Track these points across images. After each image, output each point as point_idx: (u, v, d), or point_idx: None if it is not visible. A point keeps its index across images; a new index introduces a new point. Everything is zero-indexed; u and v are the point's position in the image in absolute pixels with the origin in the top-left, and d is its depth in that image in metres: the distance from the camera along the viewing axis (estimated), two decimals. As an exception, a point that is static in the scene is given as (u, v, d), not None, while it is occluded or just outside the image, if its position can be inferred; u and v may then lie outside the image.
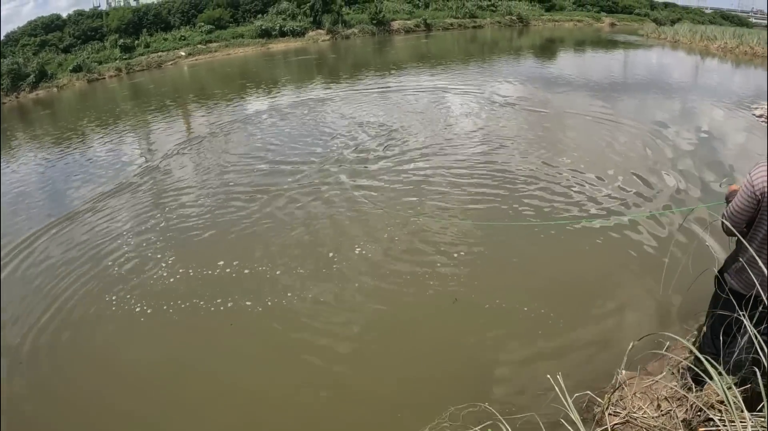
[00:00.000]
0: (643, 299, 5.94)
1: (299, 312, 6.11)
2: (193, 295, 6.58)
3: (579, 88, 18.86)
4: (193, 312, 6.28)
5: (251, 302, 6.31)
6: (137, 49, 40.26)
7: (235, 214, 9.10)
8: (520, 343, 5.32)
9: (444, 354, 5.30)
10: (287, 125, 15.40)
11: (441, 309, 5.98)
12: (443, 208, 8.59)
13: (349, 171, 10.59)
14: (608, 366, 4.48)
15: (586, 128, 12.84)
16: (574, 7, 62.75)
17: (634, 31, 47.81)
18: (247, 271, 7.05)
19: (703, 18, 67.47)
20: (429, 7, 55.56)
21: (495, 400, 4.46)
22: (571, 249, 7.13)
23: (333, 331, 5.74)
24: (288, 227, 8.38)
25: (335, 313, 6.06)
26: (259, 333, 5.86)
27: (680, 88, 18.80)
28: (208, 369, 5.34)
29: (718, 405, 3.14)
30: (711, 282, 3.74)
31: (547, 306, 5.77)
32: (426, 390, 4.85)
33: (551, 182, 9.35)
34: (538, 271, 6.68)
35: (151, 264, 7.53)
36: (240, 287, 6.68)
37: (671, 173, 9.58)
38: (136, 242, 8.36)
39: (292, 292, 6.47)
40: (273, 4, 50.19)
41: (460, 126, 13.51)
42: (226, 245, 7.97)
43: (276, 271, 7.00)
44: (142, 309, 6.45)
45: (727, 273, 3.54)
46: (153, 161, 13.00)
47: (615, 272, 6.58)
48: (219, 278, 6.98)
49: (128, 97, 26.95)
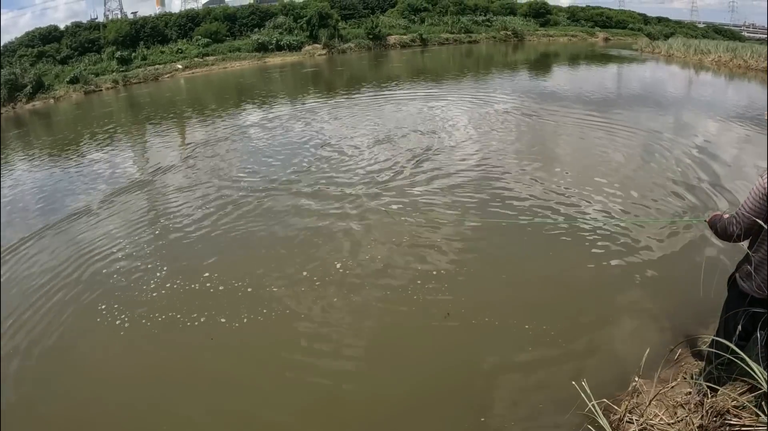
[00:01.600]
0: (648, 307, 5.96)
1: (289, 330, 6.04)
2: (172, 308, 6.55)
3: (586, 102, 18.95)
4: (172, 324, 6.25)
5: (226, 319, 6.22)
6: (134, 62, 40.31)
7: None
8: (523, 354, 5.29)
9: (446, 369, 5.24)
10: (281, 137, 15.53)
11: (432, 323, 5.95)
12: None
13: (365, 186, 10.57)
14: (615, 376, 4.57)
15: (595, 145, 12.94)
16: (568, 22, 63.47)
17: (628, 45, 48.38)
18: (222, 287, 6.95)
19: (696, 32, 67.96)
20: (425, 22, 56.03)
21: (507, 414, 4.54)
22: (572, 259, 7.15)
23: (319, 348, 5.64)
24: (289, 237, 8.38)
25: (323, 330, 5.98)
26: (243, 350, 5.76)
27: (677, 102, 19.09)
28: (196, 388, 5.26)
29: (734, 410, 3.20)
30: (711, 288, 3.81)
31: (555, 318, 5.78)
32: (426, 407, 4.81)
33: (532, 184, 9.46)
34: (541, 281, 6.67)
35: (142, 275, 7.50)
36: (216, 304, 6.58)
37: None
38: (128, 256, 8.28)
39: (280, 308, 6.41)
40: (270, 18, 50.43)
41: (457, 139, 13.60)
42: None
43: (263, 287, 6.91)
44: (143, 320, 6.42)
45: (739, 276, 3.57)
46: (145, 174, 12.98)
47: (619, 282, 6.58)
48: (188, 294, 6.92)
49: (124, 108, 27.03)
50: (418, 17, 57.13)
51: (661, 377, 4.24)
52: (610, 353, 5.20)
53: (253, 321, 6.14)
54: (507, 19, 58.98)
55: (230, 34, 48.31)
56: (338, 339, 5.75)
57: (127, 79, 37.18)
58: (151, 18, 49.09)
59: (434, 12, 58.85)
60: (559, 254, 7.28)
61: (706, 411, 3.37)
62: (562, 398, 4.29)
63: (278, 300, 6.54)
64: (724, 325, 3.69)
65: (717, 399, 3.40)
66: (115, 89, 35.33)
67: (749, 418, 3.07)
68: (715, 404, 3.34)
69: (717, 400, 3.37)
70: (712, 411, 3.32)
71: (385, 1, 60.95)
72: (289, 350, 5.63)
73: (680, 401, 3.78)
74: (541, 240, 7.70)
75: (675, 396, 3.89)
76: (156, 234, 8.99)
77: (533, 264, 7.11)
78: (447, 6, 59.86)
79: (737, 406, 3.23)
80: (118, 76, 37.39)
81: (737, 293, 3.55)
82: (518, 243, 7.66)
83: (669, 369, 4.35)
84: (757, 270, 3.34)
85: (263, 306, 6.38)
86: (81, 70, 36.59)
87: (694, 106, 18.17)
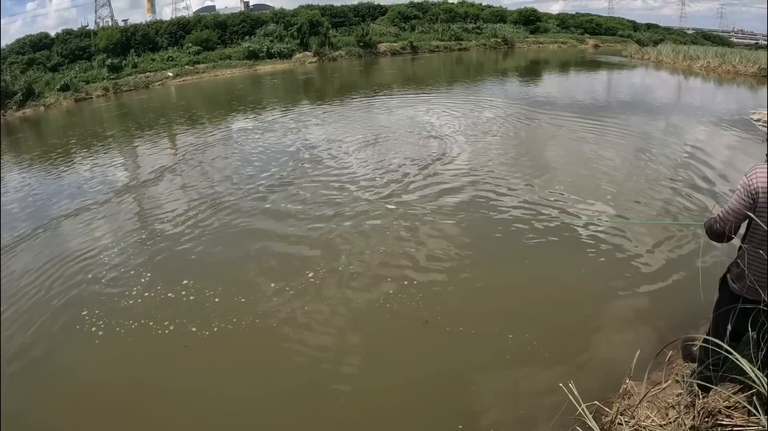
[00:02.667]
0: (637, 309, 6.00)
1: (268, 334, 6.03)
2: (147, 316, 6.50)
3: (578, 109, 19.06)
4: (147, 331, 6.20)
5: (196, 328, 6.15)
6: (125, 69, 40.23)
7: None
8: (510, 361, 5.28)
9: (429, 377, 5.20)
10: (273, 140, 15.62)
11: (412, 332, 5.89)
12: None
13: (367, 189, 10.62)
14: (606, 378, 4.62)
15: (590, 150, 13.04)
16: (558, 30, 64.05)
17: (617, 52, 48.73)
18: (193, 298, 6.88)
19: (685, 38, 68.55)
20: (415, 30, 56.35)
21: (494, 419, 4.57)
22: (561, 263, 7.18)
23: (297, 356, 5.58)
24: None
25: (300, 336, 5.92)
26: (220, 357, 5.72)
27: (667, 108, 19.30)
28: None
29: (726, 410, 3.24)
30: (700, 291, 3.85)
31: (544, 321, 5.83)
32: (411, 412, 4.80)
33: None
34: (531, 285, 6.68)
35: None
36: (188, 312, 6.53)
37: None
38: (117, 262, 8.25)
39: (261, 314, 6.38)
40: (261, 25, 50.54)
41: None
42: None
43: (230, 296, 6.85)
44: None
45: (730, 277, 3.62)
46: (135, 181, 12.97)
47: (608, 284, 6.60)
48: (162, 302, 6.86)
49: (115, 117, 26.91)
50: (408, 25, 57.49)
51: (652, 378, 4.24)
52: (601, 355, 5.22)
53: (223, 329, 6.10)
54: (497, 27, 59.40)
55: (221, 42, 48.40)
56: (317, 347, 5.71)
57: (117, 86, 37.13)
58: (142, 25, 49.15)
59: (424, 20, 59.26)
60: (550, 258, 7.32)
61: (698, 412, 3.38)
62: (551, 402, 4.29)
63: (247, 307, 6.54)
64: (715, 326, 3.70)
65: (708, 399, 3.41)
66: (105, 97, 35.23)
67: (741, 418, 3.10)
68: (706, 404, 3.36)
69: (708, 400, 3.39)
70: (703, 411, 3.33)
71: (375, 9, 61.33)
72: (263, 358, 5.63)
73: (671, 402, 3.80)
74: (539, 244, 7.74)
75: (666, 397, 3.90)
76: (145, 241, 8.96)
77: (525, 268, 7.13)
78: (437, 14, 60.32)
79: (729, 406, 3.26)
80: (108, 83, 37.32)
81: (728, 294, 3.59)
82: (506, 248, 7.72)
83: (660, 371, 4.33)
84: (743, 272, 3.39)
85: (233, 315, 6.34)
86: (72, 78, 36.54)
87: (684, 111, 18.33)
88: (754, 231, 3.28)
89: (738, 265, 3.50)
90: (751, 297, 3.36)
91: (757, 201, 3.17)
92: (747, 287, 3.41)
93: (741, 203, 3.24)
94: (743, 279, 3.44)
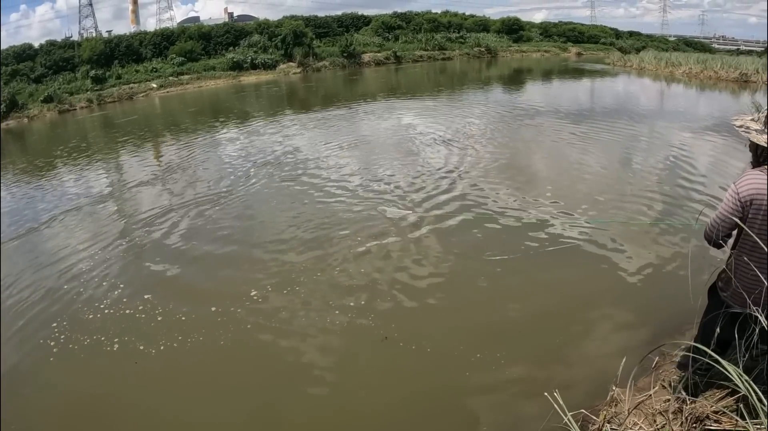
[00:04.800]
0: (623, 315, 5.99)
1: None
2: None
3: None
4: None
5: (143, 346, 5.99)
6: (109, 81, 39.83)
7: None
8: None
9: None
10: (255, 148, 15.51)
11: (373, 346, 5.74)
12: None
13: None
14: (593, 386, 4.63)
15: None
16: (541, 38, 64.71)
17: (600, 59, 49.32)
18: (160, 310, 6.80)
19: (667, 45, 69.44)
20: (399, 40, 56.58)
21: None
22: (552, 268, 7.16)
23: (246, 376, 5.46)
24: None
25: (250, 355, 5.82)
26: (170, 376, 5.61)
27: (650, 113, 19.64)
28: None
29: (714, 415, 3.30)
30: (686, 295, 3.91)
31: (530, 328, 5.84)
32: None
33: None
34: (522, 291, 6.65)
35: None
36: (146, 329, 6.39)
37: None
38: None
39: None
40: (245, 36, 50.41)
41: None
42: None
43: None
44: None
45: (718, 284, 3.68)
46: (117, 191, 12.91)
47: (593, 290, 6.65)
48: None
49: (98, 127, 26.77)
50: (392, 35, 57.74)
51: (639, 385, 4.25)
52: (587, 363, 5.20)
53: (170, 348, 5.95)
54: (480, 36, 59.87)
55: (205, 53, 48.14)
56: (267, 366, 5.66)
57: (101, 98, 36.71)
58: (126, 36, 48.76)
59: (408, 30, 59.62)
60: (533, 264, 7.33)
61: (686, 418, 3.41)
62: (536, 412, 4.23)
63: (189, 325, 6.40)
64: (703, 332, 3.75)
65: (696, 405, 3.45)
66: (89, 108, 34.87)
67: (729, 422, 3.15)
68: (694, 410, 3.40)
69: (696, 406, 3.43)
70: (691, 417, 3.37)
71: (359, 20, 61.60)
72: (214, 375, 5.53)
73: (659, 408, 3.79)
74: (521, 250, 7.71)
75: (654, 403, 3.88)
76: (128, 251, 8.92)
77: (512, 273, 7.13)
78: (421, 24, 60.75)
79: (717, 411, 3.31)
80: (92, 95, 36.89)
81: (716, 301, 3.64)
82: (493, 252, 7.64)
83: (647, 377, 4.35)
84: (731, 278, 3.44)
85: (180, 333, 6.22)
86: (55, 89, 36.10)
87: (666, 117, 18.68)
88: (745, 240, 3.32)
89: (727, 272, 3.55)
90: (738, 304, 3.42)
91: (746, 209, 3.22)
92: (735, 294, 3.46)
93: (728, 210, 3.28)
94: (730, 285, 3.49)
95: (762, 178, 3.17)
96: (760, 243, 3.12)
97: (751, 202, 3.19)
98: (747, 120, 3.36)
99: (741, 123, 3.39)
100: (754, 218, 3.21)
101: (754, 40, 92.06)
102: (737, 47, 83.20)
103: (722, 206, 3.34)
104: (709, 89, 27.74)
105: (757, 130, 3.24)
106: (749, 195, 3.19)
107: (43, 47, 45.35)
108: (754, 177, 3.21)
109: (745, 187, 3.21)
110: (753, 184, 3.19)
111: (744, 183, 3.23)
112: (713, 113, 19.07)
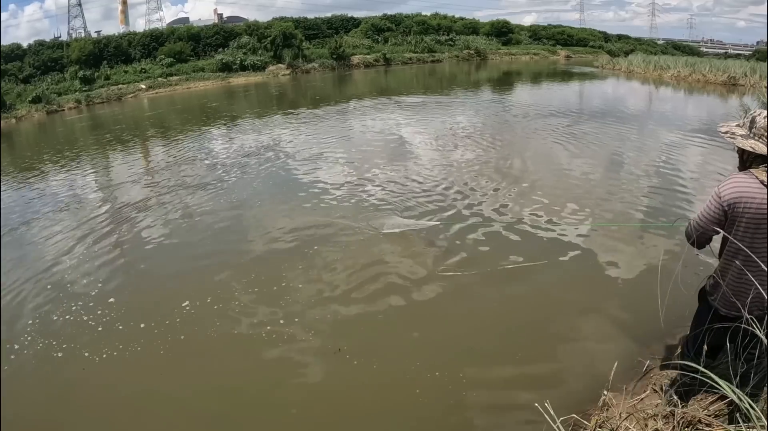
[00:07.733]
0: (614, 319, 5.93)
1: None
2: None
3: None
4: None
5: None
6: (97, 81, 39.62)
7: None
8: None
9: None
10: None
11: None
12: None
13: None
14: (585, 391, 4.58)
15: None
16: (530, 41, 65.26)
17: (589, 62, 49.68)
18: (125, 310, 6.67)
19: (655, 49, 70.12)
20: (388, 42, 56.75)
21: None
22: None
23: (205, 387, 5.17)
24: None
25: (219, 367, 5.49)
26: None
27: (639, 116, 19.76)
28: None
29: (706, 419, 3.32)
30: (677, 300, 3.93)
31: (524, 333, 5.76)
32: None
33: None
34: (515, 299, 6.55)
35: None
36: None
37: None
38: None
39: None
40: (234, 38, 50.40)
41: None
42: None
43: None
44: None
45: (707, 288, 3.70)
46: (109, 194, 12.64)
47: (583, 293, 6.59)
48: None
49: (86, 128, 26.53)
50: (381, 37, 57.90)
51: (630, 389, 4.27)
52: (578, 367, 5.12)
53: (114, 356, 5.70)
54: (470, 39, 60.26)
55: (194, 54, 48.10)
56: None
57: (90, 99, 36.45)
58: (115, 37, 48.61)
59: (398, 32, 59.81)
60: (521, 268, 7.23)
61: (678, 422, 3.42)
62: (525, 417, 4.24)
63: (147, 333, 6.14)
64: (693, 336, 3.78)
65: (688, 409, 3.47)
66: (77, 109, 34.63)
67: (721, 427, 3.18)
68: (686, 414, 3.41)
69: (688, 410, 3.45)
70: (683, 421, 3.39)
71: (348, 22, 61.75)
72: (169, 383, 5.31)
73: (651, 413, 3.76)
74: (509, 250, 7.54)
75: (645, 408, 3.87)
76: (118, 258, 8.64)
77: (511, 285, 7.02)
78: (410, 26, 60.96)
79: (709, 415, 3.33)
80: (81, 95, 36.63)
81: (706, 305, 3.67)
82: (480, 258, 7.48)
83: (639, 381, 4.36)
84: (718, 283, 3.48)
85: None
86: (44, 90, 35.86)
87: (655, 120, 18.81)
88: (730, 244, 3.32)
89: (714, 277, 3.59)
90: (728, 308, 3.45)
91: (728, 213, 3.22)
92: (722, 298, 3.50)
93: (710, 212, 3.30)
94: (718, 289, 3.51)
95: (746, 181, 3.19)
96: (742, 246, 3.14)
97: (733, 206, 3.20)
98: (732, 126, 3.39)
99: (726, 129, 3.42)
100: (739, 222, 3.23)
101: (742, 44, 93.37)
102: (725, 51, 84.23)
103: (704, 209, 3.37)
104: (697, 92, 27.92)
105: (742, 135, 3.28)
106: (732, 199, 3.20)
107: (31, 47, 45.21)
108: (738, 181, 3.23)
109: (728, 191, 3.22)
110: (736, 187, 3.21)
111: (727, 186, 3.24)
112: (701, 116, 19.23)
